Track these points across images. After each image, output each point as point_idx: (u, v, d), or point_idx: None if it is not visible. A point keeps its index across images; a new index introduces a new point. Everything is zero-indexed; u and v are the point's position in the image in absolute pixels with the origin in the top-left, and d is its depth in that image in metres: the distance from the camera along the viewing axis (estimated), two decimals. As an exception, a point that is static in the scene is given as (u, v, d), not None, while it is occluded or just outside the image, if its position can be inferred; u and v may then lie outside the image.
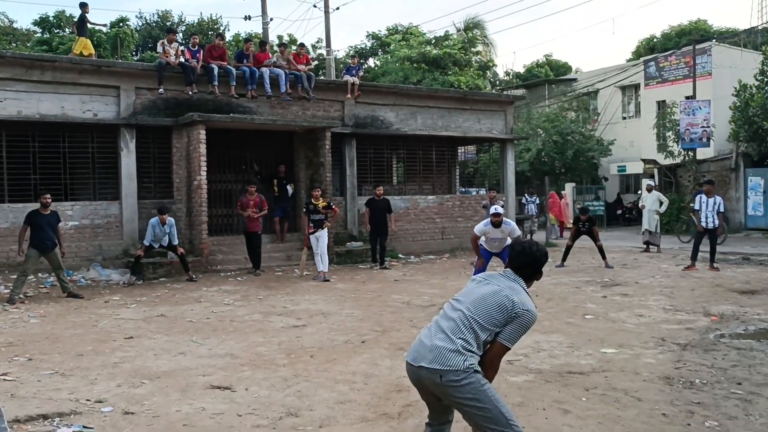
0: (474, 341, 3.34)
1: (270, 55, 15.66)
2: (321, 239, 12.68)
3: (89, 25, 15.62)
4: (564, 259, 14.33)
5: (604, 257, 13.94)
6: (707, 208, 13.00)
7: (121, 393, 5.47)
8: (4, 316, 9.12)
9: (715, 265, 13.08)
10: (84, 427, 4.66)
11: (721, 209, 13.03)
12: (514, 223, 10.18)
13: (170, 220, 12.45)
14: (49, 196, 10.72)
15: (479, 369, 3.35)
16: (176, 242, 12.56)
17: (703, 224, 13.05)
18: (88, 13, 15.16)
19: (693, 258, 13.28)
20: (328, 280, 12.28)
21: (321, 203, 12.91)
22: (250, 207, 13.34)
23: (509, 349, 3.42)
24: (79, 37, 14.74)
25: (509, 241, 9.82)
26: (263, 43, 16.93)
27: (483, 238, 10.01)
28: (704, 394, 5.34)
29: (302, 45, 17.83)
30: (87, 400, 5.28)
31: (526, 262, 3.56)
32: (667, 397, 5.25)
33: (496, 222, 9.78)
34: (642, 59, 31.30)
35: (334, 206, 13.47)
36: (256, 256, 13.43)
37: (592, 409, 4.98)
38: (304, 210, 13.22)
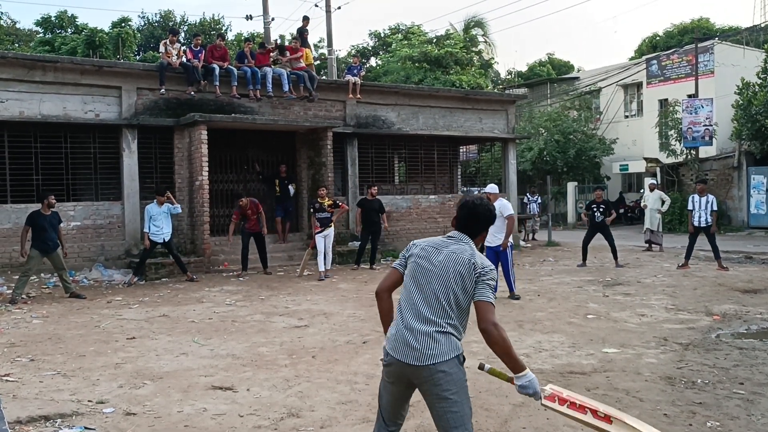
0: (454, 320, 3.18)
1: (269, 58, 15.60)
2: (328, 237, 12.83)
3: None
4: (584, 257, 14.01)
5: (615, 257, 13.78)
6: (700, 207, 12.98)
7: (123, 394, 5.48)
8: (6, 316, 9.13)
9: (723, 264, 12.96)
10: (85, 428, 4.66)
11: (714, 207, 12.95)
12: (505, 202, 10.18)
13: (167, 204, 12.42)
14: (53, 197, 10.76)
15: (464, 355, 3.19)
16: (179, 210, 12.61)
17: (695, 223, 13.03)
18: (307, 26, 16.93)
19: (686, 257, 13.26)
20: (329, 277, 12.54)
21: (327, 202, 12.98)
22: (250, 216, 13.01)
23: (493, 304, 3.15)
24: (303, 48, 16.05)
25: (501, 221, 9.68)
26: (262, 45, 16.95)
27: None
28: (706, 394, 5.33)
29: (297, 38, 17.68)
30: (89, 401, 5.29)
31: (472, 218, 3.33)
32: (669, 398, 5.24)
33: (489, 198, 9.86)
34: (644, 57, 31.27)
35: (341, 203, 13.54)
36: (263, 256, 13.40)
37: (593, 410, 4.96)
38: (311, 210, 13.24)
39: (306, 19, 17.15)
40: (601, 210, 13.75)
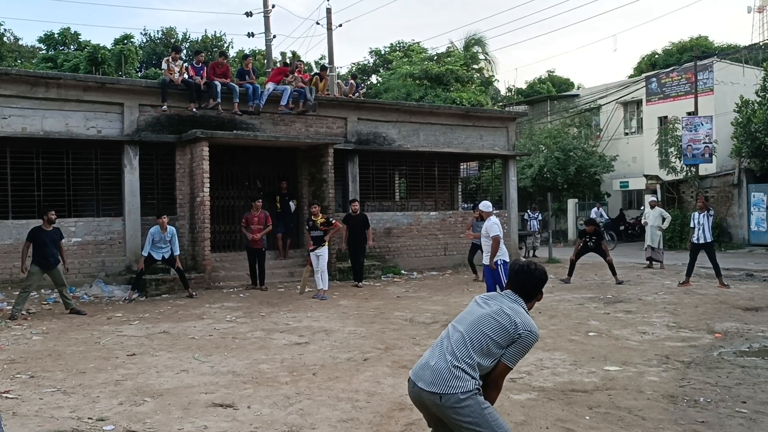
0: (475, 363, 3.36)
1: (283, 77, 15.82)
2: (321, 257, 12.53)
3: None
4: (569, 274, 14.20)
5: (614, 273, 13.83)
6: (699, 224, 13.03)
7: (123, 411, 5.45)
8: (6, 332, 9.10)
9: (724, 281, 12.95)
10: (86, 445, 4.64)
11: (709, 221, 13.08)
12: (493, 221, 10.23)
13: (171, 228, 12.42)
14: (54, 212, 10.77)
15: (480, 390, 3.36)
16: (177, 252, 12.47)
17: (693, 240, 13.11)
18: (326, 75, 18.51)
19: (687, 274, 13.25)
20: (325, 299, 12.06)
21: (320, 219, 12.80)
22: (254, 224, 13.36)
23: (511, 369, 3.47)
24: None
25: (489, 241, 10.16)
26: (286, 64, 17.41)
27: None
28: (708, 412, 5.31)
29: (299, 59, 18.49)
30: (89, 418, 5.26)
31: (524, 282, 3.57)
32: (671, 416, 5.22)
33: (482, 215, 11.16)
34: (644, 75, 31.44)
35: (334, 221, 13.20)
36: (261, 273, 13.47)
37: (595, 428, 4.95)
38: (306, 227, 13.25)
39: (324, 69, 18.76)
40: (593, 240, 14.26)
